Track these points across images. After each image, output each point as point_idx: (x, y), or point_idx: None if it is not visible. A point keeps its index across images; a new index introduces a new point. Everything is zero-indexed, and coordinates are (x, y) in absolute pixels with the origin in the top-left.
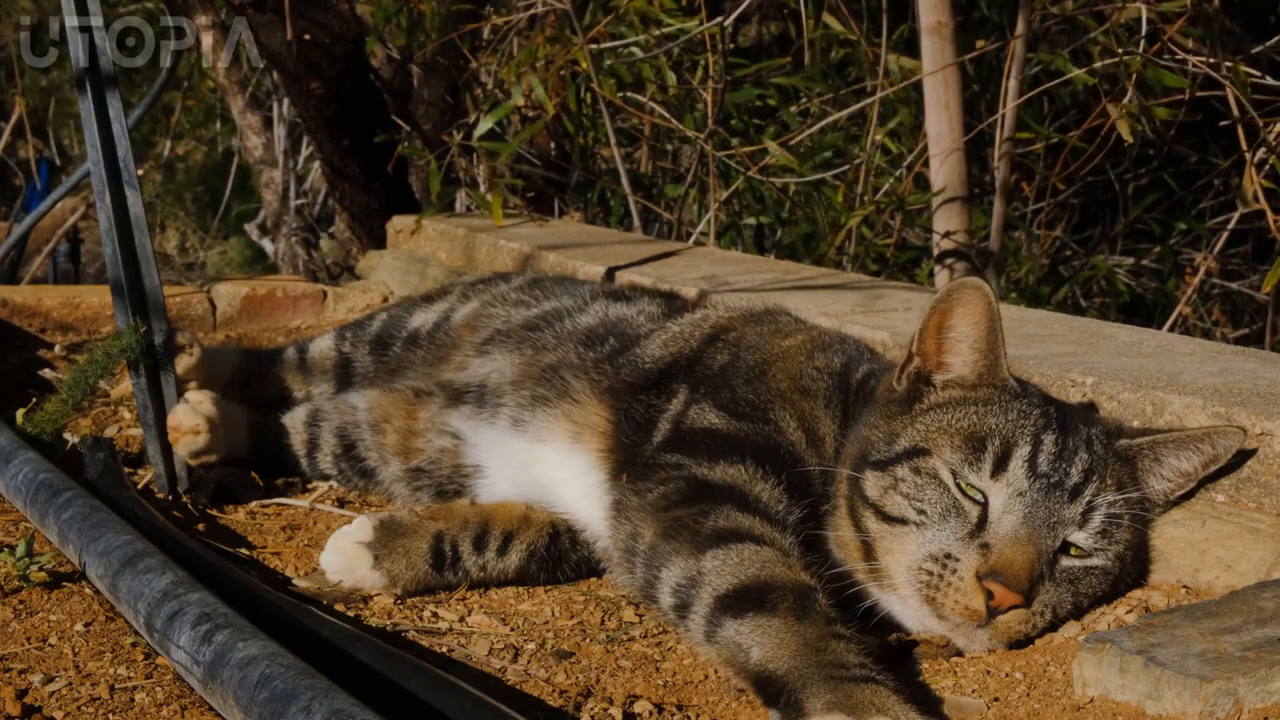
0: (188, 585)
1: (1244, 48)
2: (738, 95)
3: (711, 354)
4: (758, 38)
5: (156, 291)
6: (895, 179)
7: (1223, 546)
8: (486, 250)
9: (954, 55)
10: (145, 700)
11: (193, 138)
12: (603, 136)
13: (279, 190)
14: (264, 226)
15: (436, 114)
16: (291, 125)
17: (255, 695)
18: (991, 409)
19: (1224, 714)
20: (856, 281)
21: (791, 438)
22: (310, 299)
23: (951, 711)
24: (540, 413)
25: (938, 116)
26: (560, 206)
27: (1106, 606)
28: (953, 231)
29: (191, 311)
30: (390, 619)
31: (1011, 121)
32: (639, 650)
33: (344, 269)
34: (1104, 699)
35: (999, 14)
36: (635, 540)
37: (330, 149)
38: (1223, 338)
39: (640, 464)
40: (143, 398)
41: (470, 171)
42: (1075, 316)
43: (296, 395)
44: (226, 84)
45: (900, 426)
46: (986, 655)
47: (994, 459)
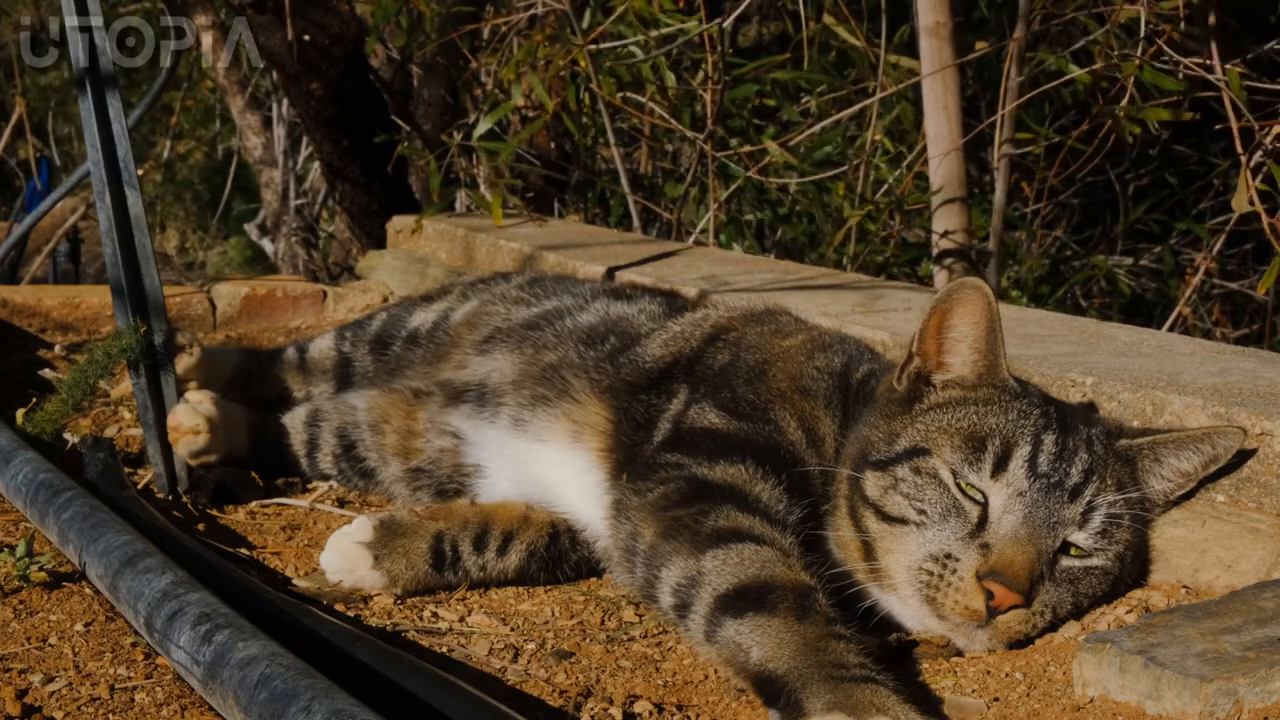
0: (188, 585)
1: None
2: (737, 92)
3: (712, 354)
4: (758, 37)
5: (156, 291)
6: (895, 179)
7: (1223, 546)
8: (486, 250)
9: (952, 56)
10: (145, 700)
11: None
12: (602, 136)
13: (279, 190)
14: (264, 226)
15: (436, 114)
16: (291, 125)
17: (255, 695)
18: (991, 409)
19: (1224, 714)
20: (857, 281)
21: (792, 438)
22: (310, 299)
23: (951, 711)
24: (540, 412)
25: (936, 117)
26: (560, 207)
27: (1106, 606)
28: (951, 231)
29: (191, 311)
30: (390, 619)
31: (1011, 122)
32: (639, 650)
33: (344, 269)
34: (1104, 699)
35: (998, 15)
36: (635, 540)
37: (330, 149)
38: (1223, 338)
39: (640, 463)
40: (143, 398)
41: (470, 172)
42: (1075, 316)
43: (296, 395)
44: (226, 84)
45: (900, 426)
46: (986, 655)
47: (994, 459)
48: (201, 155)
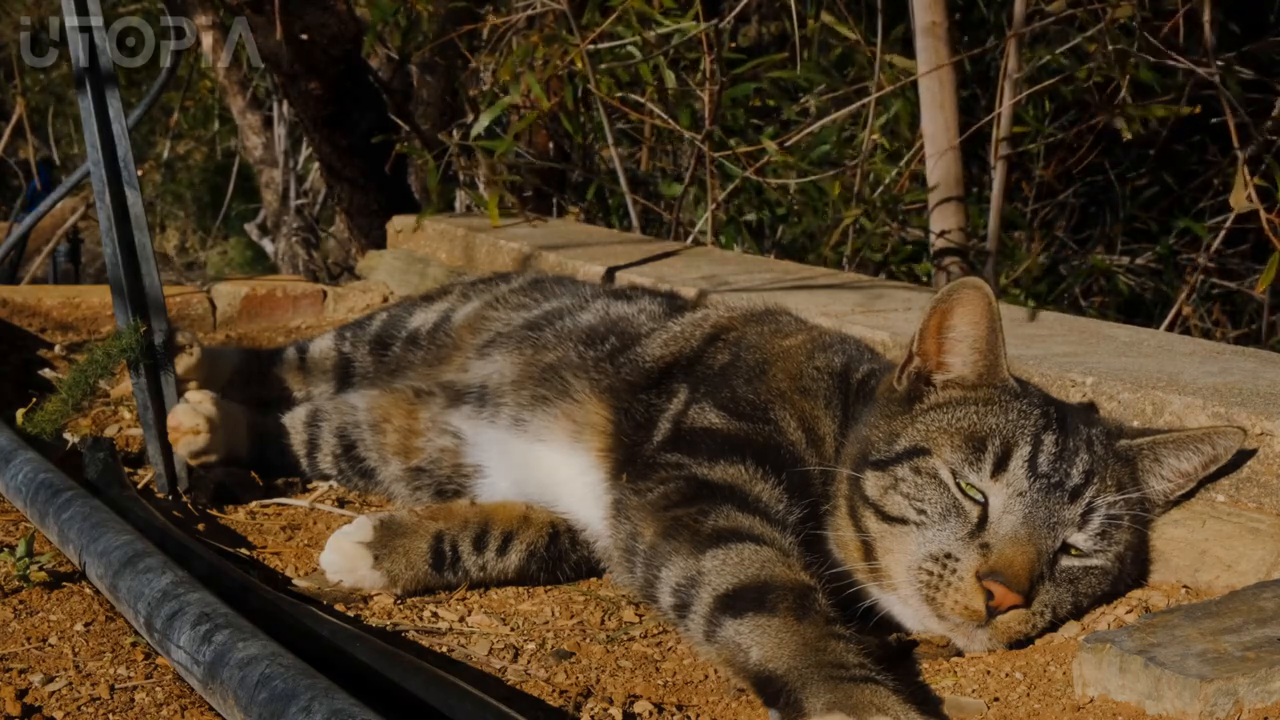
0: (188, 585)
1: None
2: (735, 91)
3: (712, 353)
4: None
5: (156, 291)
6: (892, 178)
7: (1223, 546)
8: (486, 250)
9: (949, 55)
10: (145, 700)
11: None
12: (601, 136)
13: (279, 190)
14: (264, 226)
15: (435, 114)
16: (291, 125)
17: (255, 695)
18: (992, 409)
19: (1224, 714)
20: (856, 281)
21: (792, 438)
22: (310, 299)
23: (951, 711)
24: (540, 412)
25: (933, 116)
26: (559, 206)
27: (1106, 606)
28: (948, 230)
29: (191, 311)
30: (390, 619)
31: (1008, 120)
32: (639, 650)
33: (344, 269)
34: (1104, 699)
35: (996, 14)
36: (635, 540)
37: (328, 149)
38: (1222, 337)
39: (640, 463)
40: (142, 397)
41: (469, 171)
42: (1075, 316)
43: (297, 395)
44: (226, 84)
45: (900, 426)
46: (986, 655)
47: (994, 459)
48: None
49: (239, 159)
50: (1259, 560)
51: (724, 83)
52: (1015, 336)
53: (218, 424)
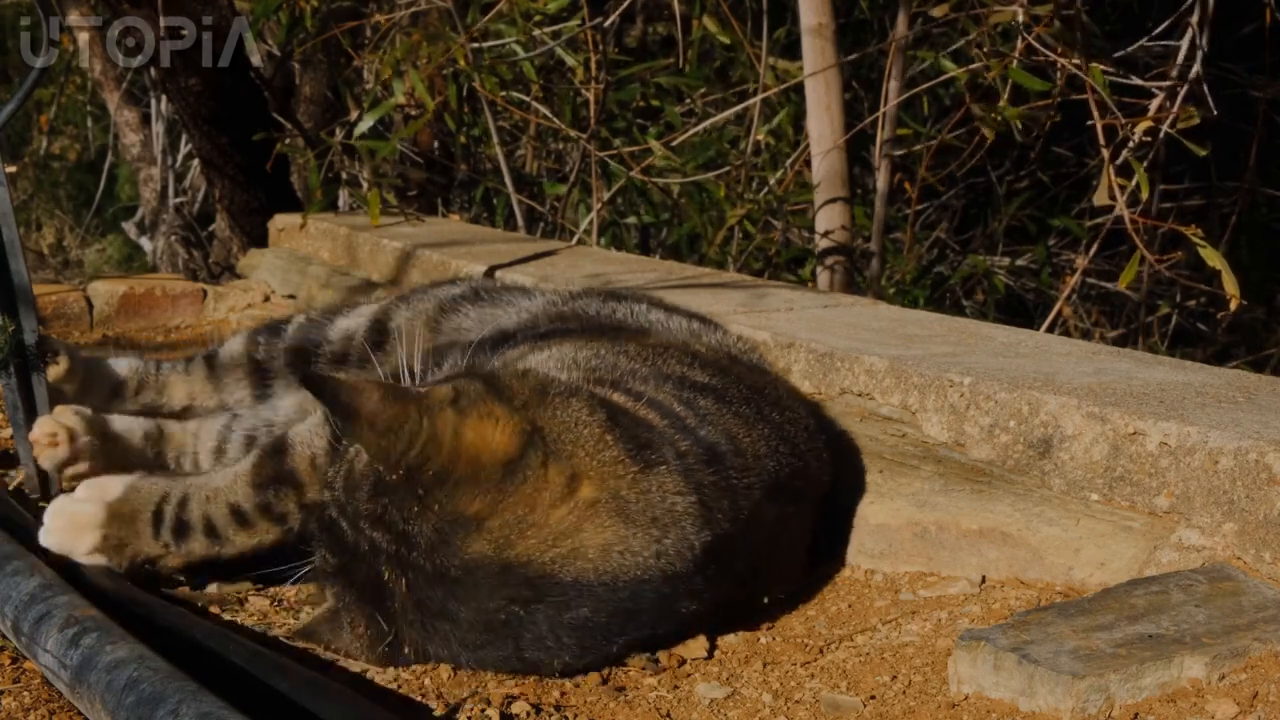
0: (56, 588)
1: (1114, 49)
2: (621, 94)
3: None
4: (642, 37)
5: (26, 288)
6: (777, 179)
7: (1096, 545)
8: (369, 249)
9: (835, 56)
10: (12, 705)
11: (66, 135)
12: (485, 135)
13: (157, 188)
14: (142, 224)
15: (318, 112)
16: (170, 122)
17: (123, 699)
18: None
19: (1095, 710)
20: (740, 281)
21: None
22: (190, 298)
23: (828, 710)
24: None
25: (819, 117)
26: (444, 206)
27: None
28: (833, 230)
29: (68, 310)
30: (265, 619)
31: (892, 122)
32: None
33: (225, 268)
34: (978, 696)
35: (880, 16)
36: None
37: (209, 147)
38: (1101, 337)
39: None
40: (12, 398)
41: (352, 170)
42: (954, 317)
43: (206, 404)
44: (102, 79)
45: None
46: (838, 654)
47: None
48: (75, 153)
49: (110, 156)
50: (1131, 558)
51: (609, 82)
52: (895, 337)
53: (80, 434)
